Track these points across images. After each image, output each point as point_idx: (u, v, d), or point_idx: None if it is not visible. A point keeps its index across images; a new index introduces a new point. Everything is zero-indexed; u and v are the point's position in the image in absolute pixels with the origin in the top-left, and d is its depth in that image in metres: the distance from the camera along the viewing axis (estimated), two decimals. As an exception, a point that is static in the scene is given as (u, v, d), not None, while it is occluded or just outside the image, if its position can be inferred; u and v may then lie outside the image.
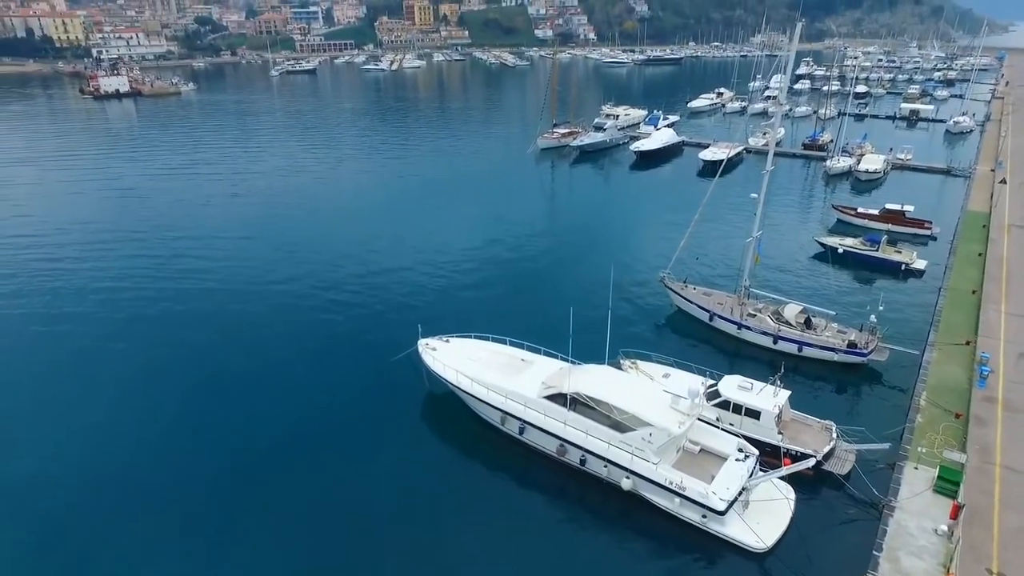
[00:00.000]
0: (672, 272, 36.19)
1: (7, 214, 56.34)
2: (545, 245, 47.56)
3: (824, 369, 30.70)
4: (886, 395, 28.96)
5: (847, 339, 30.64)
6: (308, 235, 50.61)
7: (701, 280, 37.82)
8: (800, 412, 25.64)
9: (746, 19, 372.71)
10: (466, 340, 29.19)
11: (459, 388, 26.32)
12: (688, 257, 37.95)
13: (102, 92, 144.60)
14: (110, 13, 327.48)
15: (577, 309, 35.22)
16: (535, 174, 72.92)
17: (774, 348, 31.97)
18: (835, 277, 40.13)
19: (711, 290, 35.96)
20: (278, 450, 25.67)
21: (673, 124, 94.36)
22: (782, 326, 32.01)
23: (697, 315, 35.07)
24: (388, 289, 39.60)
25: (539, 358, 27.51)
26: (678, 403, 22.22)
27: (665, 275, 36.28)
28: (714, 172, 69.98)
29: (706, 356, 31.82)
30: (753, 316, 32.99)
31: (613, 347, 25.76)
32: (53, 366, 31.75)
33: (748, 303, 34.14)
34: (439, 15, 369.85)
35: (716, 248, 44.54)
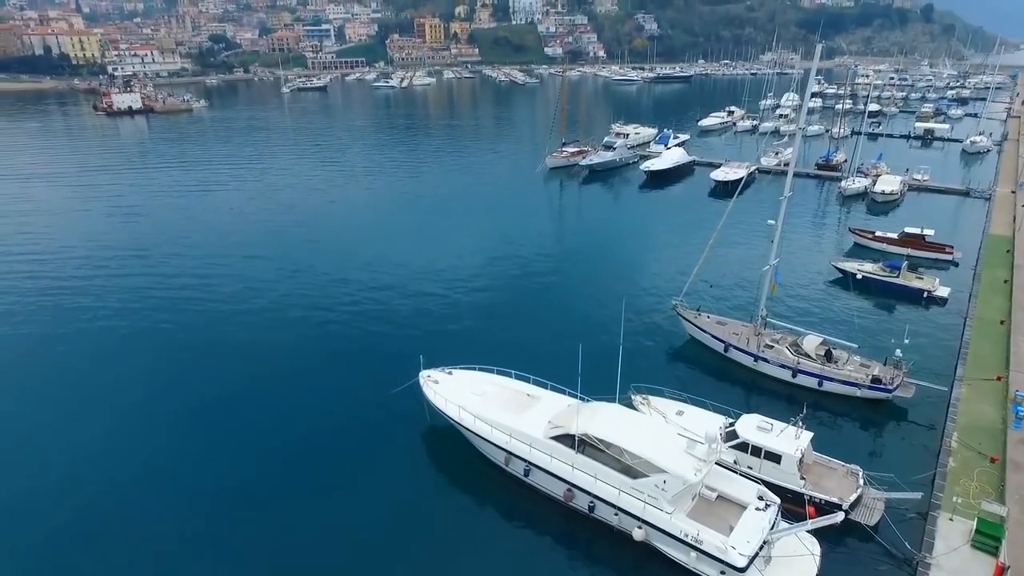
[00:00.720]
0: (685, 300, 34.86)
1: (14, 230, 56.08)
2: (553, 269, 46.37)
3: (846, 405, 29.14)
4: (914, 435, 27.34)
5: (870, 373, 29.09)
6: (312, 255, 49.72)
7: (715, 308, 36.41)
8: (823, 455, 24.11)
9: (755, 37, 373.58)
10: (469, 372, 27.96)
11: (462, 425, 25.02)
12: (702, 284, 36.54)
13: (115, 109, 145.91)
14: (127, 31, 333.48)
15: (586, 339, 33.99)
16: (544, 193, 72.02)
17: (792, 382, 30.48)
18: (854, 305, 38.64)
19: (726, 319, 34.55)
20: (270, 484, 24.49)
21: (683, 143, 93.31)
22: (801, 359, 30.52)
23: (711, 345, 33.64)
24: (391, 315, 38.43)
25: (546, 393, 26.19)
26: (694, 448, 20.80)
27: (678, 303, 34.94)
28: (726, 192, 69.79)
29: (721, 390, 30.39)
30: (770, 348, 31.53)
31: (624, 378, 24.46)
32: (51, 382, 30.87)
33: (765, 333, 32.72)
34: (450, 33, 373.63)
35: (731, 275, 43.10)
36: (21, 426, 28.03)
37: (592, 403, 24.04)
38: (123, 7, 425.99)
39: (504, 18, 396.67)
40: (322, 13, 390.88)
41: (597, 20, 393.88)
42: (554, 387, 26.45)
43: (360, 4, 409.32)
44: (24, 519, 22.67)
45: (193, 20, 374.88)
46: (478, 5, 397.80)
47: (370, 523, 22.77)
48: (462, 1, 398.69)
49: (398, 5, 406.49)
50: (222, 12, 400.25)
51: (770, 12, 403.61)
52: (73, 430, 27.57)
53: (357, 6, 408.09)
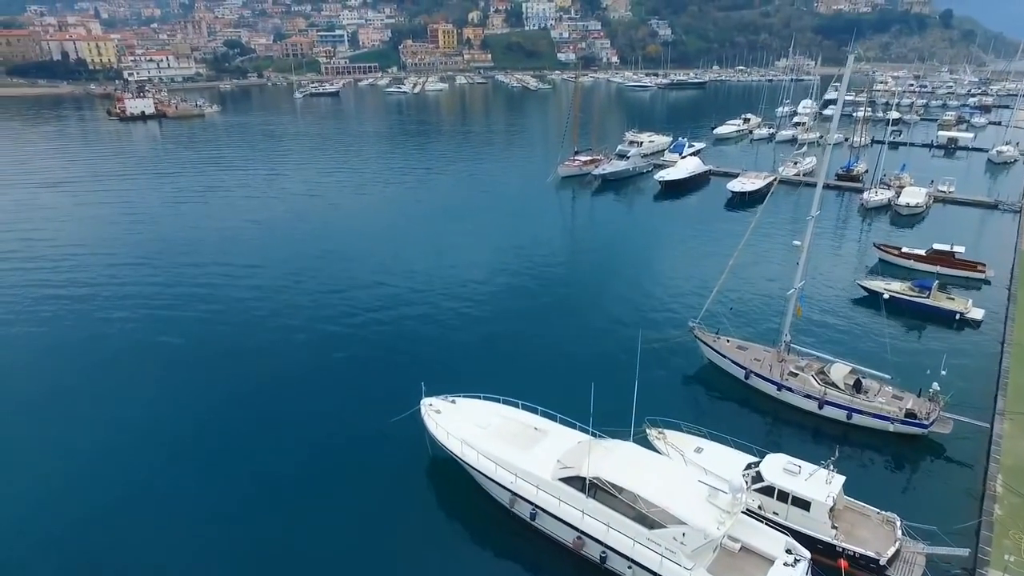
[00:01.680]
0: (703, 322, 33.00)
1: (22, 235, 55.52)
2: (564, 285, 44.57)
3: (877, 440, 27.13)
4: (953, 476, 25.28)
5: (904, 407, 27.06)
6: (315, 264, 48.47)
7: (736, 330, 34.41)
8: (854, 499, 22.15)
9: (771, 43, 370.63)
10: (474, 401, 26.28)
11: (464, 461, 23.35)
12: (720, 305, 34.53)
13: (128, 114, 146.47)
14: (143, 36, 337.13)
15: (599, 364, 32.57)
16: (555, 204, 70.34)
17: (819, 414, 28.50)
18: (882, 327, 36.37)
19: (747, 343, 32.61)
20: (257, 518, 22.93)
21: (699, 152, 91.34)
22: (828, 389, 28.54)
23: (731, 371, 31.73)
24: (393, 335, 36.69)
25: (555, 427, 24.46)
26: (717, 497, 18.97)
27: (695, 325, 33.07)
28: (744, 204, 67.77)
29: (742, 421, 28.52)
30: (795, 376, 29.57)
31: (639, 405, 22.72)
32: (35, 396, 29.59)
33: (789, 360, 30.78)
34: (463, 39, 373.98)
35: (751, 295, 41.04)
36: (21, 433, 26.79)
37: (604, 441, 22.30)
38: (140, 13, 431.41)
39: (517, 24, 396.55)
40: (336, 19, 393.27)
41: (611, 26, 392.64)
42: (563, 419, 24.72)
43: (374, 10, 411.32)
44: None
45: (209, 26, 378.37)
46: (491, 11, 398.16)
47: (364, 563, 21.18)
48: (475, 7, 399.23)
49: (412, 11, 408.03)
50: (237, 18, 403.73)
51: (786, 18, 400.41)
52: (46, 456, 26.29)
53: (371, 12, 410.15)
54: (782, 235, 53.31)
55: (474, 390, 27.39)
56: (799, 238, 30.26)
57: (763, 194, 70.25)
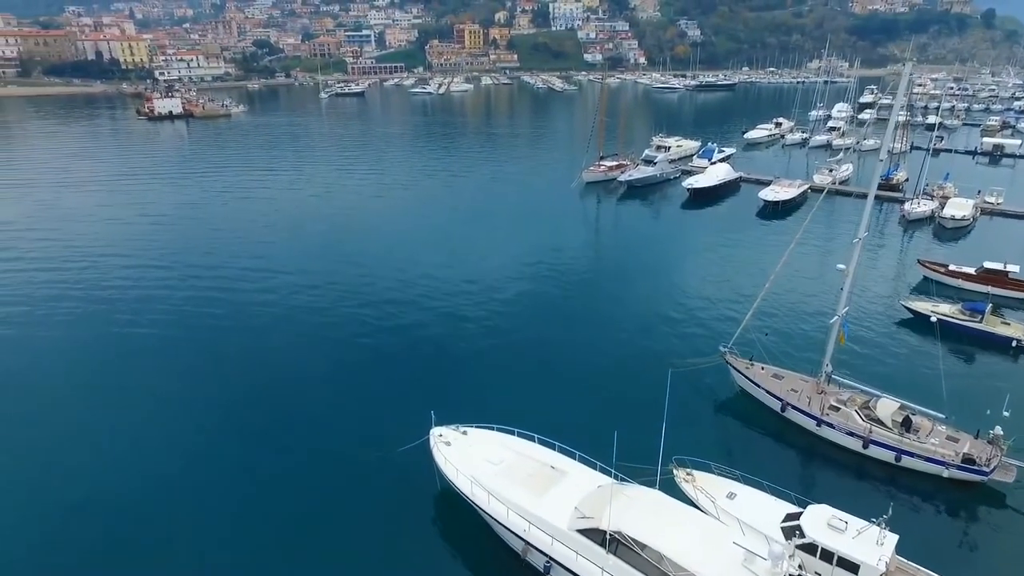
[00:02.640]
0: (736, 347, 30.72)
1: (45, 235, 55.62)
2: (586, 301, 42.46)
3: (929, 486, 24.64)
4: (1018, 531, 22.73)
5: (960, 450, 24.54)
6: (331, 269, 47.35)
7: (770, 355, 31.90)
8: (907, 560, 19.80)
9: (803, 44, 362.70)
10: (486, 433, 24.46)
11: (474, 503, 21.54)
12: (754, 328, 32.06)
13: (156, 113, 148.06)
14: (175, 36, 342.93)
15: (622, 390, 30.58)
16: (579, 211, 68.23)
17: (863, 453, 26.08)
18: (931, 356, 33.68)
19: (783, 371, 30.22)
20: (249, 548, 21.46)
21: (729, 157, 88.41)
22: (874, 426, 26.11)
23: (766, 402, 29.41)
24: (404, 353, 34.90)
25: (573, 466, 22.52)
26: (754, 563, 16.87)
27: (727, 350, 30.83)
28: (776, 213, 64.83)
29: (777, 458, 26.34)
30: (837, 410, 27.17)
31: (666, 439, 20.80)
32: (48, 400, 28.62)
33: (829, 391, 28.38)
34: (489, 39, 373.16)
35: (787, 317, 38.30)
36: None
37: (627, 487, 20.29)
38: (173, 13, 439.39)
39: (544, 24, 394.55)
40: (364, 19, 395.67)
41: (638, 26, 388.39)
42: (583, 457, 22.77)
43: (401, 10, 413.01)
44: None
45: (239, 25, 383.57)
46: (518, 11, 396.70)
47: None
48: (502, 7, 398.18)
49: (439, 11, 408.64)
50: (267, 18, 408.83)
51: (818, 18, 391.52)
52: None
53: (398, 12, 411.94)
54: (818, 250, 50.66)
55: (487, 416, 25.65)
56: (843, 261, 27.88)
57: (796, 203, 67.56)
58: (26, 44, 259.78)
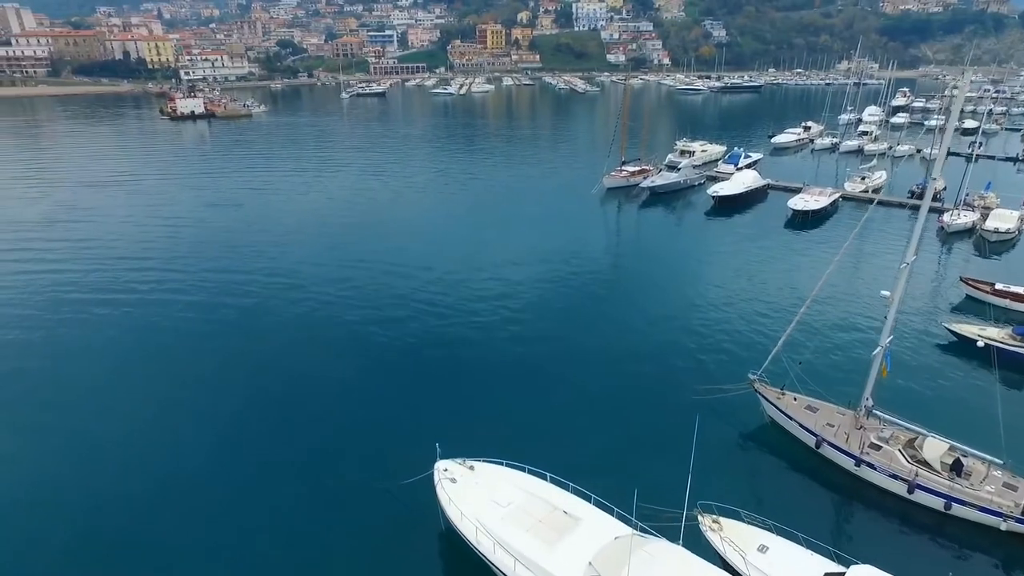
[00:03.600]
0: (766, 374, 28.49)
1: (67, 234, 55.60)
2: (605, 317, 40.31)
3: (984, 539, 22.25)
4: (1087, 598, 20.33)
5: (1020, 501, 22.11)
6: (340, 274, 45.96)
7: (803, 384, 29.41)
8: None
9: (832, 45, 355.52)
10: (495, 469, 22.66)
11: (479, 551, 19.75)
12: (786, 352, 29.70)
13: (179, 113, 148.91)
14: (201, 36, 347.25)
15: (642, 420, 28.65)
16: (599, 218, 66.12)
17: (908, 498, 23.75)
18: (980, 386, 31.19)
19: (818, 402, 27.91)
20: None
21: (756, 163, 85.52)
22: (920, 468, 23.77)
23: (799, 436, 27.16)
24: (411, 370, 33.19)
25: (588, 511, 20.59)
26: (792, 642, 14.83)
27: (756, 377, 28.62)
28: (806, 223, 61.98)
29: (812, 501, 24.17)
30: (877, 448, 24.86)
31: (690, 481, 18.91)
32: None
33: (869, 426, 26.04)
34: (511, 39, 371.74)
35: (821, 341, 35.60)
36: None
37: (648, 541, 18.30)
38: (200, 13, 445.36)
39: (567, 24, 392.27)
40: (387, 19, 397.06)
41: (663, 27, 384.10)
42: (598, 501, 20.85)
43: (424, 10, 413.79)
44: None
45: (264, 25, 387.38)
46: (541, 12, 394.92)
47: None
48: (525, 7, 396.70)
49: (461, 11, 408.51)
50: (292, 18, 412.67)
51: (848, 19, 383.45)
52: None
53: (421, 12, 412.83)
54: (852, 266, 47.89)
55: (495, 444, 24.10)
56: (884, 284, 25.60)
57: (828, 212, 64.66)
58: (57, 44, 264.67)
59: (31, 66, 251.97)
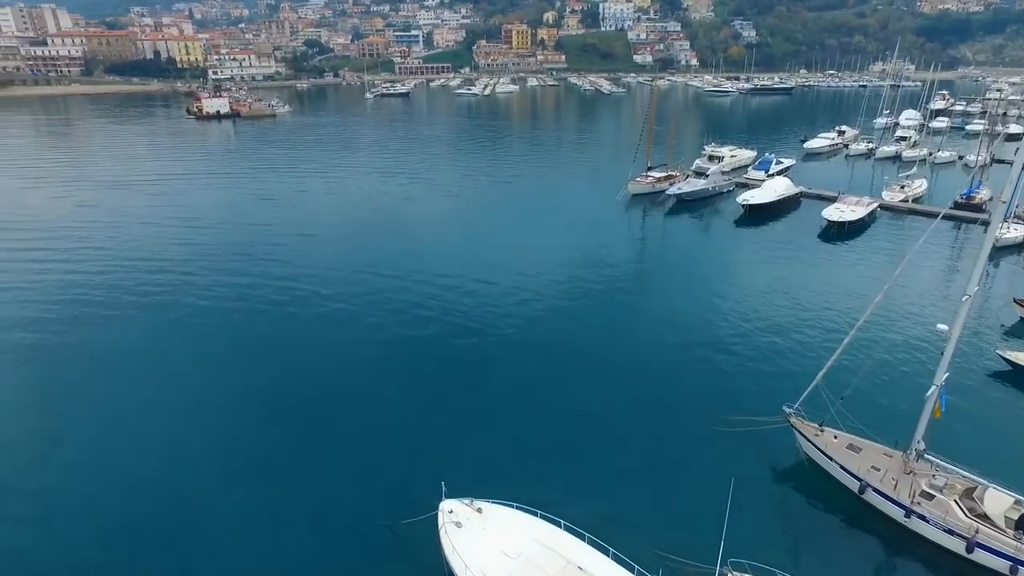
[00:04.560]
0: (803, 407, 26.09)
1: (86, 234, 55.25)
2: (625, 335, 38.06)
3: (1054, 607, 19.74)
4: None
5: (1099, 568, 19.55)
6: (351, 283, 44.46)
7: (842, 419, 26.75)
8: None
9: (866, 45, 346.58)
10: (505, 513, 20.79)
11: (483, 613, 17.91)
12: (826, 382, 27.17)
13: (204, 113, 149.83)
14: (230, 36, 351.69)
15: (662, 451, 26.53)
16: (624, 226, 63.77)
17: (968, 558, 21.26)
18: (1041, 424, 28.38)
19: (861, 440, 25.43)
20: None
21: (787, 169, 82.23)
22: (981, 524, 21.26)
23: (839, 477, 24.76)
24: (418, 399, 31.24)
25: (607, 567, 18.59)
26: None
27: (792, 411, 26.24)
28: (841, 235, 58.89)
29: (856, 557, 21.80)
30: (930, 498, 22.37)
31: (711, 520, 16.91)
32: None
33: (920, 470, 23.55)
34: (536, 39, 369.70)
35: (862, 370, 31.98)
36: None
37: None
38: (230, 13, 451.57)
39: (593, 24, 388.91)
40: (413, 19, 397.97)
41: (691, 27, 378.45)
42: (617, 556, 18.82)
43: (450, 10, 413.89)
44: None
45: (292, 25, 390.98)
46: (567, 12, 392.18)
47: None
48: (551, 8, 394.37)
49: (487, 11, 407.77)
50: (319, 18, 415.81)
51: (883, 19, 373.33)
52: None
53: (447, 12, 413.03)
54: (897, 285, 44.74)
55: (507, 482, 22.31)
56: (941, 316, 23.12)
57: (865, 223, 61.49)
58: (90, 44, 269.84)
59: (65, 65, 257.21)
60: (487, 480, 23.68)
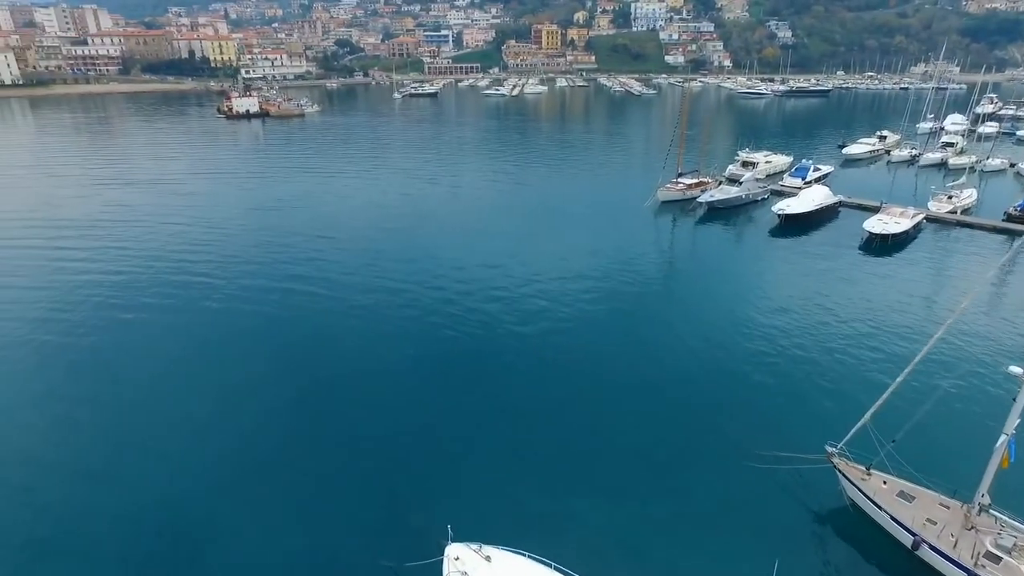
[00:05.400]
0: (848, 448, 23.69)
1: (104, 231, 54.87)
2: (651, 352, 35.88)
3: None
4: None
5: None
6: (362, 293, 42.95)
7: (892, 461, 24.01)
8: None
9: (907, 46, 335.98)
10: (515, 562, 18.94)
11: None
12: (876, 424, 24.63)
13: (234, 112, 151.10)
14: (264, 35, 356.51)
15: (689, 487, 24.40)
16: (651, 234, 61.37)
17: (1039, 632, 18.77)
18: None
19: (914, 487, 22.96)
20: None
21: (826, 176, 78.76)
22: (1056, 593, 18.75)
23: (889, 529, 22.34)
24: (428, 425, 29.38)
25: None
26: None
27: (836, 450, 23.87)
28: (883, 248, 55.62)
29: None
30: (996, 560, 19.86)
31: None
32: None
33: (982, 525, 21.03)
34: (567, 39, 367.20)
35: (913, 405, 27.42)
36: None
37: None
38: (264, 13, 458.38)
39: (624, 24, 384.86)
40: (443, 19, 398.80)
41: (724, 27, 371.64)
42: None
43: (480, 10, 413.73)
44: None
45: (324, 25, 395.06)
46: (598, 12, 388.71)
47: None
48: (582, 8, 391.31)
49: (517, 11, 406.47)
50: (351, 17, 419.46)
51: (927, 19, 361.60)
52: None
53: (478, 12, 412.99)
54: (945, 305, 41.75)
55: (518, 525, 20.50)
56: (1017, 357, 20.51)
57: (910, 237, 58.10)
58: (128, 43, 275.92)
59: (104, 64, 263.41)
60: (497, 521, 21.97)
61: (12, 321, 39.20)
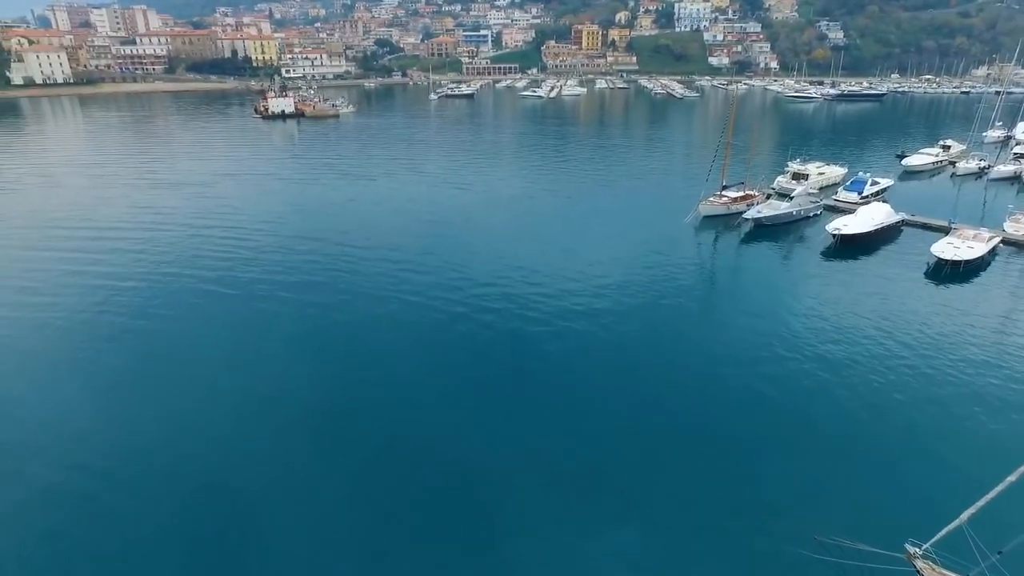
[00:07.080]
0: (936, 550, 19.30)
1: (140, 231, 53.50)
2: (688, 398, 31.70)
3: None
4: None
5: None
6: (381, 309, 39.87)
7: (983, 558, 19.74)
8: None
9: (969, 48, 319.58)
10: None
11: None
12: (975, 527, 20.08)
13: (270, 112, 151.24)
14: (306, 35, 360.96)
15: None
16: (692, 253, 56.74)
17: None
18: None
19: (1018, 606, 18.51)
20: None
21: (884, 191, 72.67)
22: None
23: (988, 659, 17.92)
24: (443, 470, 26.32)
25: None
26: None
27: (919, 552, 19.49)
28: (954, 276, 49.72)
29: None
30: None
31: None
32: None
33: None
34: (607, 40, 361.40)
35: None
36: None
37: None
38: (307, 13, 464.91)
39: (667, 25, 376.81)
40: (483, 19, 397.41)
41: (772, 28, 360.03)
42: None
43: (520, 10, 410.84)
44: None
45: (365, 25, 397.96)
46: (640, 12, 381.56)
47: None
48: (624, 8, 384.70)
49: (558, 11, 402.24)
50: (392, 17, 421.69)
51: (991, 18, 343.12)
52: None
53: (518, 12, 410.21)
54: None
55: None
56: None
57: (985, 263, 52.21)
58: (174, 43, 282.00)
59: (151, 63, 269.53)
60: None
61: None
